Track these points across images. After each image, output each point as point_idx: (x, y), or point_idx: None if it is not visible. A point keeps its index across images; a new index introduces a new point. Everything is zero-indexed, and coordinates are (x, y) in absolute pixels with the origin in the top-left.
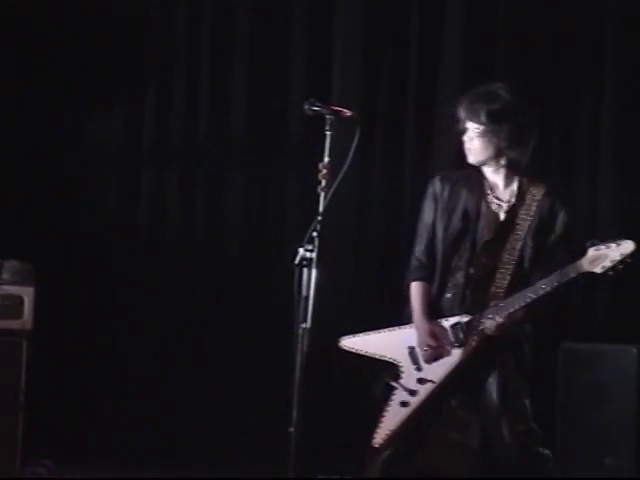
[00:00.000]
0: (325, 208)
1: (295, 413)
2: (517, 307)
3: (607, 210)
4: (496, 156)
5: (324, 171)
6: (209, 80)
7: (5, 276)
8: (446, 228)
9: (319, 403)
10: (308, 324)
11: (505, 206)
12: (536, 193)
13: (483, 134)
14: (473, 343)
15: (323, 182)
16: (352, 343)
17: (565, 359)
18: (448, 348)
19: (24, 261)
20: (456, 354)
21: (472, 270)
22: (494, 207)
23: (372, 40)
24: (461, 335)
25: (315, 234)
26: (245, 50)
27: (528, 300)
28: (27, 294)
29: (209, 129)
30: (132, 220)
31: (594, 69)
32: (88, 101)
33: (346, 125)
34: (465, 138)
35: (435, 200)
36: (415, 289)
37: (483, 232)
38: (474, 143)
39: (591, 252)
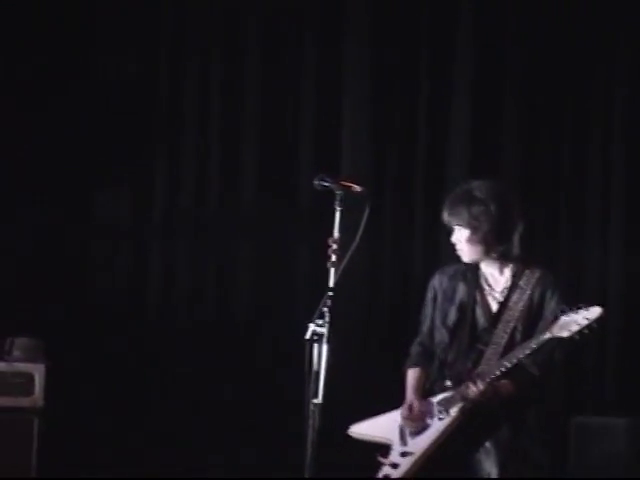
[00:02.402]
0: (336, 283)
1: None
2: (496, 373)
3: (618, 275)
4: (487, 252)
5: (334, 246)
6: (219, 154)
7: (16, 353)
8: (444, 320)
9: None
10: (320, 399)
11: (499, 296)
12: (530, 278)
13: (469, 236)
14: (455, 413)
15: (333, 257)
16: (359, 429)
17: (577, 433)
18: (430, 421)
19: (35, 338)
20: (438, 425)
21: (470, 363)
22: (488, 298)
23: (380, 113)
24: (445, 407)
25: (326, 309)
26: (255, 123)
27: (504, 367)
28: (38, 371)
29: (219, 203)
30: (142, 294)
31: (602, 130)
32: (96, 176)
33: (356, 199)
34: (454, 240)
35: (434, 295)
36: (411, 375)
37: (480, 320)
38: (463, 246)
39: (562, 318)
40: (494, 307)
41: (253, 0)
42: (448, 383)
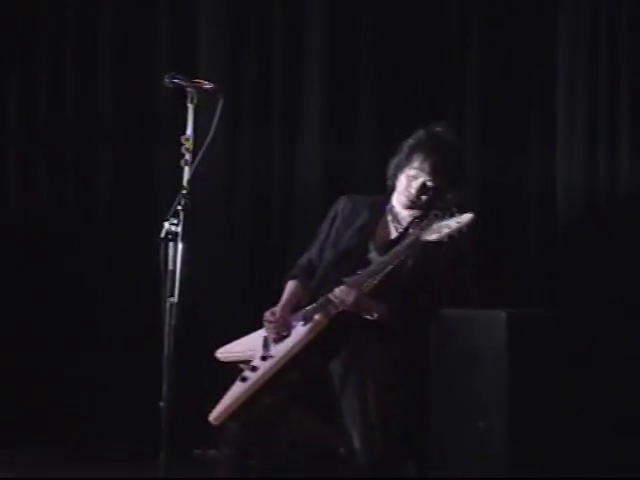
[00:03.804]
0: (190, 181)
1: (165, 387)
2: (364, 279)
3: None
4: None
5: (186, 144)
6: (74, 58)
7: None
8: (336, 241)
9: (190, 376)
10: (175, 298)
11: (401, 228)
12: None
13: (435, 189)
14: (318, 317)
15: (187, 155)
16: (225, 350)
17: (436, 325)
18: (294, 329)
19: None
20: (301, 330)
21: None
22: (390, 227)
23: (238, 12)
24: (310, 314)
25: (180, 207)
26: (109, 27)
27: (373, 272)
28: None
29: (75, 108)
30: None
31: None
32: None
33: (213, 97)
34: (412, 184)
35: (335, 215)
36: (289, 286)
37: (374, 247)
38: (420, 194)
39: (434, 223)
40: (393, 234)
41: None
42: (320, 301)
